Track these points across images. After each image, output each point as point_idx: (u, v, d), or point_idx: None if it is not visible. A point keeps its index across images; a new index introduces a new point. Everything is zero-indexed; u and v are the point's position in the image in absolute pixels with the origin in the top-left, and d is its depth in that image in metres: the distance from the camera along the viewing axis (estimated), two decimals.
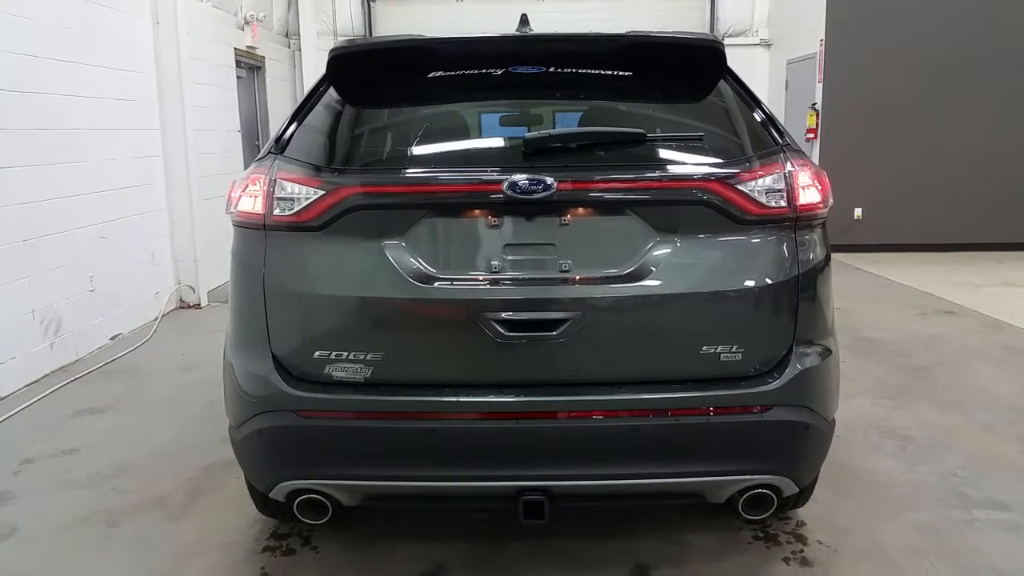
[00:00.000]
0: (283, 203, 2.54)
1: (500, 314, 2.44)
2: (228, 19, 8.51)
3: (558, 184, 2.43)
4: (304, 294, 2.53)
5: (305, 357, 2.52)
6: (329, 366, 2.50)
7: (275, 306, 2.55)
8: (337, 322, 2.54)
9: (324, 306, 2.53)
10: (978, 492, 3.48)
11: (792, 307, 2.52)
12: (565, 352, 2.46)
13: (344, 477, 2.60)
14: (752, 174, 2.52)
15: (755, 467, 2.57)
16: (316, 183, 2.52)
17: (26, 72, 5.07)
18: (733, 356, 2.48)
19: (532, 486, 2.54)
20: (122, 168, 6.28)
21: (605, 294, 2.49)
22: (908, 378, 5.07)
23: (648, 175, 2.55)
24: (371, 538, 3.14)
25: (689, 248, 2.52)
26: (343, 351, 2.49)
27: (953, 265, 8.81)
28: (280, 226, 2.54)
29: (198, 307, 7.19)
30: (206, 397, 4.62)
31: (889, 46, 9.40)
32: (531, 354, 2.48)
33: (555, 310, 2.46)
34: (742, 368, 2.50)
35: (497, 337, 2.44)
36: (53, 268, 5.34)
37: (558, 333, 2.44)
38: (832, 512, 3.29)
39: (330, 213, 2.49)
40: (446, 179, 2.61)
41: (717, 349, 2.48)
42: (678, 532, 3.15)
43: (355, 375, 2.49)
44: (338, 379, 2.52)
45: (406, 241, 2.50)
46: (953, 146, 9.50)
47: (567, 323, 2.44)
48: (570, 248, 2.50)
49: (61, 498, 3.54)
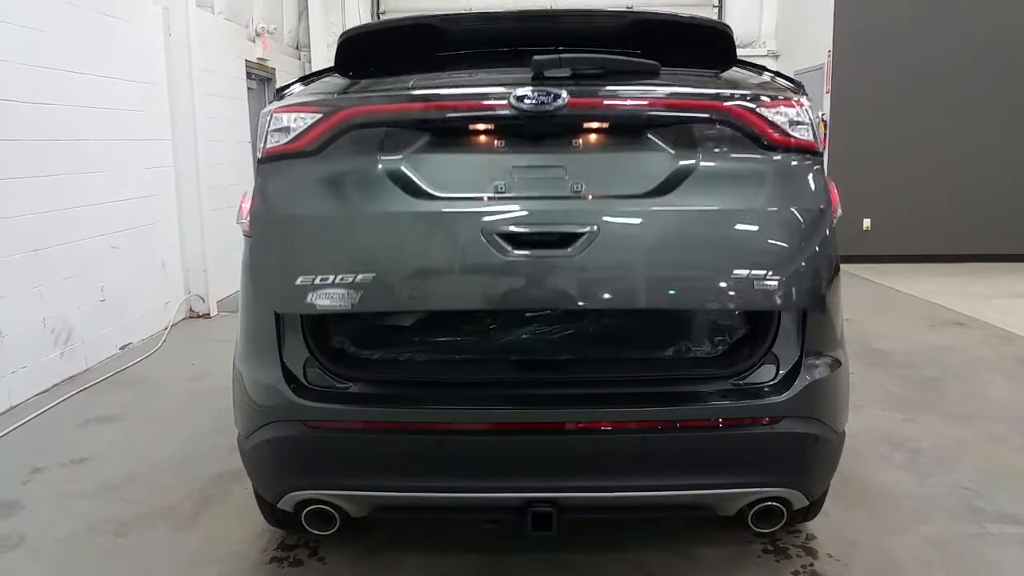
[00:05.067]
0: (278, 134, 2.48)
1: (506, 228, 2.28)
2: (239, 31, 8.57)
3: (569, 99, 2.33)
4: (288, 216, 2.42)
5: (288, 287, 2.35)
6: (312, 294, 2.31)
7: (258, 233, 2.43)
8: (321, 243, 2.40)
9: (306, 227, 2.41)
10: (989, 505, 3.46)
11: (822, 240, 2.40)
12: (579, 273, 2.28)
13: (352, 488, 2.59)
14: (775, 103, 2.46)
15: (765, 480, 2.56)
16: (312, 109, 2.47)
17: (38, 84, 5.12)
18: (767, 284, 2.31)
19: (541, 497, 2.53)
20: (133, 179, 6.32)
21: (624, 208, 2.36)
22: (918, 390, 5.04)
23: (667, 94, 2.45)
24: (379, 549, 3.13)
25: (713, 172, 2.40)
26: (328, 275, 2.30)
27: (963, 276, 8.77)
28: (272, 156, 2.47)
29: (208, 317, 7.21)
30: (215, 407, 4.63)
31: (897, 56, 9.39)
32: (542, 275, 2.31)
33: (567, 224, 2.28)
34: (775, 298, 2.34)
35: (503, 254, 2.27)
36: (64, 278, 5.37)
37: (572, 250, 2.26)
38: (842, 525, 3.27)
39: (326, 136, 2.41)
40: (449, 95, 2.53)
41: (750, 274, 2.30)
42: (687, 545, 3.13)
43: (341, 302, 2.30)
44: (322, 309, 2.31)
45: (406, 163, 2.42)
46: (962, 157, 9.48)
47: (581, 239, 2.26)
48: (583, 171, 2.39)
49: (70, 507, 3.55)
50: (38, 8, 5.14)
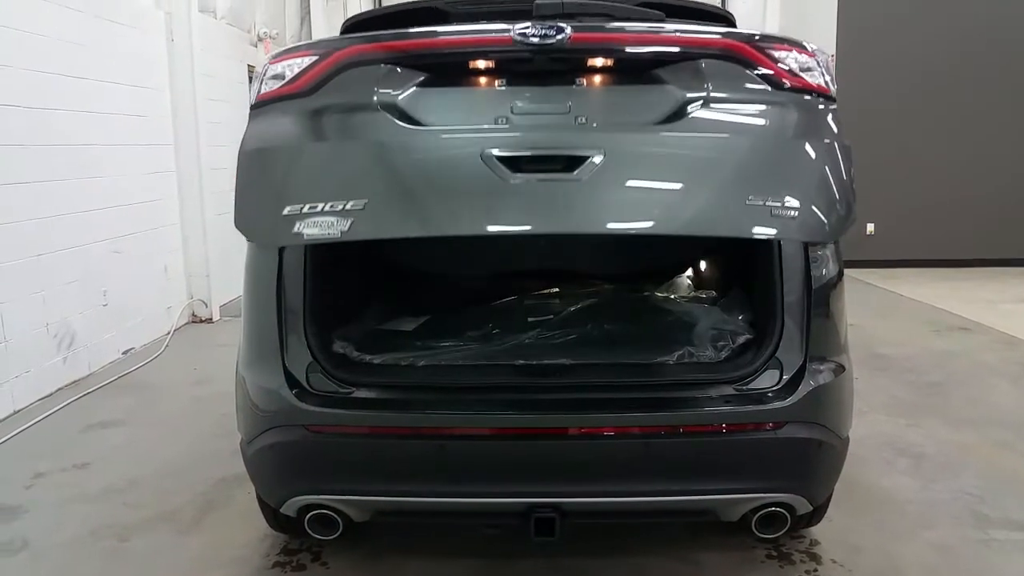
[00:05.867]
0: (272, 81, 2.44)
1: (507, 152, 2.17)
2: (242, 36, 8.58)
3: (573, 34, 2.28)
4: (274, 148, 2.35)
5: (274, 217, 2.23)
6: (300, 223, 2.18)
7: (242, 168, 2.34)
8: (309, 171, 2.31)
9: (293, 156, 2.34)
10: (994, 511, 3.44)
11: (837, 171, 2.33)
12: (585, 197, 2.17)
13: (355, 492, 2.59)
14: (786, 48, 2.43)
15: (768, 485, 2.55)
16: (307, 53, 2.43)
17: (40, 89, 5.12)
18: (785, 212, 2.20)
19: (543, 503, 2.52)
20: (135, 183, 6.33)
21: (630, 135, 2.30)
22: (922, 395, 5.02)
23: (673, 30, 2.41)
24: (382, 554, 3.12)
25: (720, 106, 2.36)
26: (317, 202, 2.18)
27: (967, 281, 8.74)
28: (264, 101, 2.43)
29: (210, 321, 7.21)
30: (218, 411, 4.62)
31: (902, 59, 9.38)
32: (546, 198, 2.20)
33: (572, 149, 2.18)
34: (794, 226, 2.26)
35: (504, 178, 2.16)
36: (67, 282, 5.37)
37: (577, 172, 2.15)
38: (846, 530, 3.26)
39: (321, 76, 2.37)
40: (448, 31, 2.48)
41: (766, 202, 2.20)
42: (690, 550, 3.12)
43: (330, 230, 2.16)
44: (310, 238, 2.18)
45: (403, 99, 2.37)
46: (966, 160, 9.45)
47: (586, 161, 2.15)
48: (588, 107, 2.34)
49: (72, 512, 3.54)
50: (40, 13, 5.14)
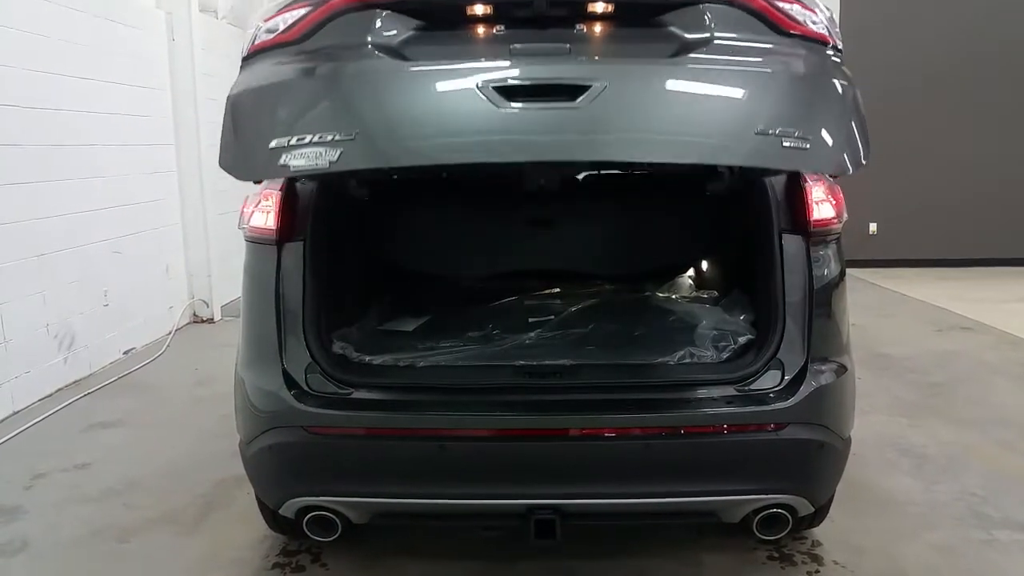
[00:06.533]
0: (264, 34, 2.43)
1: (505, 82, 2.07)
2: (243, 36, 8.57)
3: None
4: (261, 87, 2.29)
5: (260, 152, 2.17)
6: (286, 155, 2.10)
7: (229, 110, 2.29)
8: (300, 106, 2.23)
9: (282, 92, 2.27)
10: (997, 511, 3.43)
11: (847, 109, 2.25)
12: (585, 125, 2.08)
13: (354, 494, 2.59)
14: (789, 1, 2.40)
15: (769, 486, 2.54)
16: (301, 5, 2.40)
17: (41, 89, 5.11)
18: (798, 143, 2.12)
19: (543, 504, 2.51)
20: (137, 183, 6.32)
21: (634, 65, 2.23)
22: (925, 395, 5.01)
23: None
24: (381, 555, 3.11)
25: (729, 48, 2.31)
26: (305, 135, 2.10)
27: (969, 280, 8.73)
28: (256, 51, 2.41)
29: (212, 321, 7.21)
30: (218, 412, 4.61)
31: (904, 57, 9.35)
32: (544, 126, 2.10)
33: (573, 78, 2.08)
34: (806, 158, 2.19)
35: (501, 107, 2.06)
36: (68, 283, 5.37)
37: (578, 101, 2.04)
38: (848, 531, 3.24)
39: (314, 24, 2.35)
40: None
41: (776, 133, 2.10)
42: (692, 552, 3.11)
43: (317, 160, 2.08)
44: (296, 169, 2.12)
45: (398, 44, 2.34)
46: (969, 159, 9.43)
47: (587, 90, 2.04)
48: (589, 48, 2.29)
49: (72, 513, 3.54)
50: (41, 13, 5.14)
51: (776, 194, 2.67)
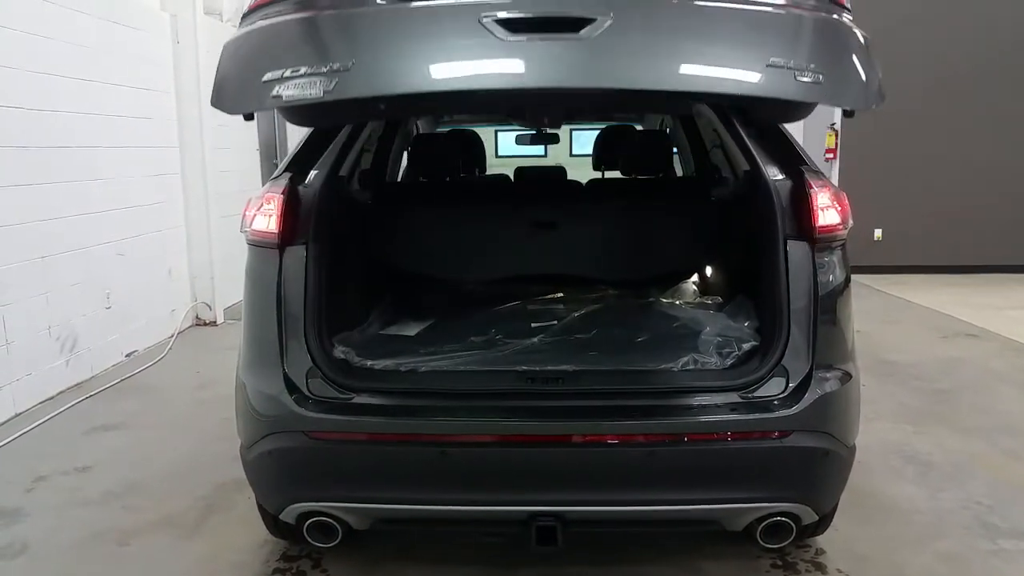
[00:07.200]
0: None
1: (508, 14, 2.01)
2: None
3: None
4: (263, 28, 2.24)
5: (253, 84, 2.13)
6: (279, 86, 2.05)
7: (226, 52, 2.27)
8: (297, 41, 2.21)
9: (284, 30, 2.23)
10: (1003, 521, 3.40)
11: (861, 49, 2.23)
12: (589, 53, 2.02)
13: (354, 500, 2.57)
14: None
15: (774, 494, 2.52)
16: None
17: (46, 91, 5.12)
18: (812, 76, 2.05)
19: (545, 511, 2.50)
20: (140, 186, 6.33)
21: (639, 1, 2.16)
22: (930, 402, 4.98)
23: None
24: (381, 560, 3.10)
25: None
26: (300, 66, 2.05)
27: (975, 287, 8.70)
28: (256, 8, 2.35)
29: (214, 324, 7.21)
30: (220, 415, 4.60)
31: (909, 64, 9.31)
32: (546, 53, 2.04)
33: (578, 10, 2.02)
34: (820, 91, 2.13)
35: (502, 37, 2.00)
36: (70, 285, 5.37)
37: (583, 32, 1.98)
38: (852, 539, 3.22)
39: None
40: None
41: (790, 64, 2.04)
42: (695, 560, 3.09)
43: (311, 90, 2.02)
44: (289, 99, 2.06)
45: None
46: (975, 166, 9.41)
47: (592, 22, 1.99)
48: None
49: (73, 516, 3.53)
50: (45, 15, 5.14)
51: (781, 200, 2.64)
